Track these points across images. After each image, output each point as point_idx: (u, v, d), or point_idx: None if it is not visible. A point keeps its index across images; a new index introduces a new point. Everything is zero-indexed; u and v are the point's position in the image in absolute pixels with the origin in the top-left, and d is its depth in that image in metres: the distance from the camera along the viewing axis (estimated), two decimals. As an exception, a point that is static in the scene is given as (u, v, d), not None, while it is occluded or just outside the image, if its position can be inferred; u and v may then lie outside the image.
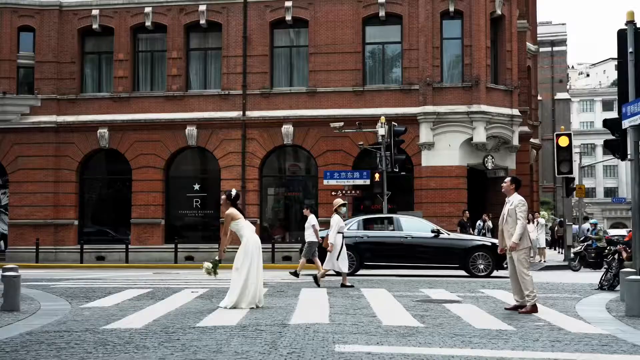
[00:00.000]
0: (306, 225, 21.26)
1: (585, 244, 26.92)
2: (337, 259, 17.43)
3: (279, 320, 10.47)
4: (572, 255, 27.31)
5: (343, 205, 18.08)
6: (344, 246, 17.72)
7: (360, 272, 21.92)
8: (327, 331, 9.31)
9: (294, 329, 9.48)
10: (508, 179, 12.56)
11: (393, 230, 22.85)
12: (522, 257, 11.96)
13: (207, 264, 12.61)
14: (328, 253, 17.53)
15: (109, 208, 33.99)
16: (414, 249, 22.13)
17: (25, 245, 32.09)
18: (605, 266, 20.05)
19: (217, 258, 12.50)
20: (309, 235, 20.92)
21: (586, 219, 38.47)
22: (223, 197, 12.71)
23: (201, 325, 9.89)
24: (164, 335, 9.07)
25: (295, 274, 20.38)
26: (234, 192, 12.58)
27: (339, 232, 17.62)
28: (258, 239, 12.42)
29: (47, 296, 14.34)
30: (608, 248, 22.16)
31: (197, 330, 9.48)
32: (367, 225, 23.45)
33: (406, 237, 22.15)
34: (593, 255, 26.09)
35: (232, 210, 12.32)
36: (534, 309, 11.72)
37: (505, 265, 21.09)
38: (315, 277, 17.43)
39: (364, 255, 21.98)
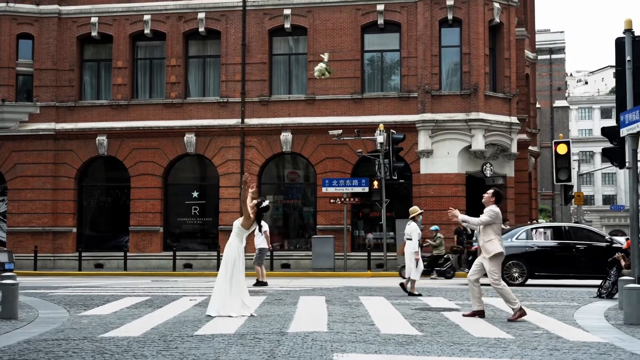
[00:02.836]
0: (256, 231, 21.24)
1: None
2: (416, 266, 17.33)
3: (277, 328, 10.45)
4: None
5: (421, 213, 17.95)
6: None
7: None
8: (326, 340, 9.29)
9: (293, 338, 9.46)
10: (490, 190, 12.55)
11: (564, 239, 22.02)
12: (493, 268, 11.96)
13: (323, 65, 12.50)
14: (408, 261, 17.41)
15: (108, 215, 33.98)
16: (586, 258, 21.23)
17: (23, 252, 32.00)
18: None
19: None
20: (261, 242, 20.91)
21: (577, 223, 38.56)
22: (255, 201, 12.67)
23: (199, 334, 9.87)
24: (162, 343, 9.05)
25: (263, 283, 20.31)
26: (265, 203, 12.71)
27: (410, 240, 17.55)
28: (238, 253, 12.42)
29: (45, 304, 14.32)
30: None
31: (195, 338, 9.46)
32: (535, 234, 22.58)
33: (579, 247, 21.42)
34: (425, 263, 25.94)
35: (250, 220, 12.38)
36: (521, 313, 11.79)
37: None
38: (402, 284, 17.27)
39: (534, 265, 21.22)
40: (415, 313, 12.73)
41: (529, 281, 21.54)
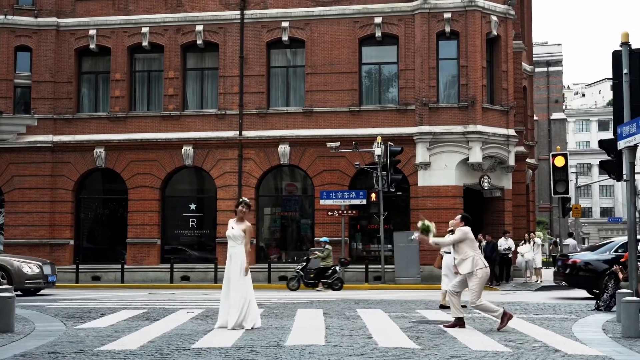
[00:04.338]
0: None
1: (304, 264, 26.55)
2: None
3: (274, 341, 10.42)
4: (294, 273, 26.77)
5: None
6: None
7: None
8: (323, 353, 9.26)
9: (290, 351, 9.43)
10: (458, 216, 12.97)
11: None
12: (475, 287, 12.22)
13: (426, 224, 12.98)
14: (447, 273, 17.38)
15: (105, 228, 33.94)
16: None
17: (20, 265, 31.89)
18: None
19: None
20: None
21: (570, 234, 38.74)
22: (244, 209, 12.56)
23: (196, 347, 9.84)
24: (159, 356, 9.01)
25: None
26: (247, 201, 12.78)
27: (448, 253, 17.51)
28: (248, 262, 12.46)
29: (42, 317, 14.27)
30: None
31: (193, 351, 9.43)
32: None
33: None
34: (312, 275, 26.06)
35: (251, 228, 12.47)
36: (508, 317, 12.21)
37: None
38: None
39: None
40: (413, 326, 12.71)
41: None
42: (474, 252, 12.31)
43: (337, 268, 26.27)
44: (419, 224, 13.33)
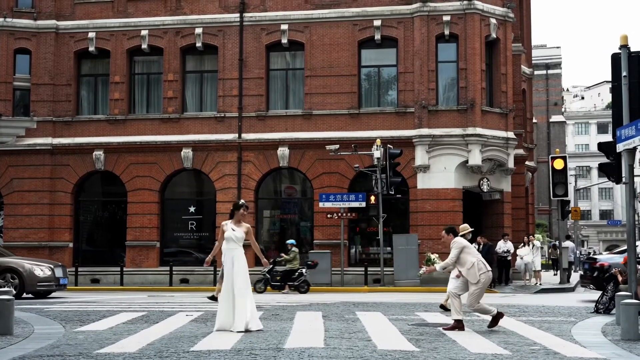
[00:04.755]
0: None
1: (271, 266, 26.58)
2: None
3: (273, 344, 10.41)
4: (260, 276, 26.63)
5: (471, 231, 17.81)
6: None
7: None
8: (322, 355, 9.26)
9: (289, 354, 9.43)
10: (443, 232, 13.31)
11: None
12: (477, 291, 12.56)
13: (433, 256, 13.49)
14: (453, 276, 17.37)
15: (104, 230, 33.93)
16: None
17: (19, 267, 31.86)
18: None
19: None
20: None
21: (568, 237, 38.79)
22: (245, 212, 12.62)
23: (195, 350, 9.83)
24: (158, 359, 9.01)
25: (214, 298, 19.99)
26: (243, 202, 12.95)
27: None
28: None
29: (41, 319, 14.26)
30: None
31: (192, 354, 9.42)
32: None
33: None
34: (278, 278, 26.16)
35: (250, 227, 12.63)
36: (499, 315, 12.73)
37: None
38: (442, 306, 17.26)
39: None
40: (412, 329, 12.71)
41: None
42: (474, 258, 12.51)
43: (304, 270, 26.23)
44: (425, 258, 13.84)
